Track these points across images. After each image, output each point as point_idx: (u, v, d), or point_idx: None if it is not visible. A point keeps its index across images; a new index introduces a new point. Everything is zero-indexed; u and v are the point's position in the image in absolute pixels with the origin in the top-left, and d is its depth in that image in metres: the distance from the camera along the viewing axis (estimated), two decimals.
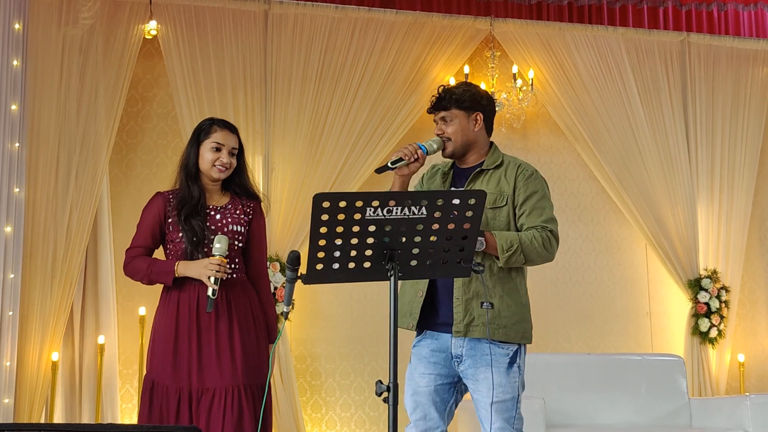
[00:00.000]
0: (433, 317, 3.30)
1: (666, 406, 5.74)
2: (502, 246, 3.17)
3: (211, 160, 3.57)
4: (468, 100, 3.36)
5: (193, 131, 3.67)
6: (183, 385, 3.44)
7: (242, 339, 3.49)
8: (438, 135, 3.38)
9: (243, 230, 3.61)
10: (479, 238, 3.13)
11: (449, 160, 3.49)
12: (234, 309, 3.52)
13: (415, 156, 3.28)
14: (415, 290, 3.31)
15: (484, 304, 3.10)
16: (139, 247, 3.63)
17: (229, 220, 3.59)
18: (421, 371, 3.30)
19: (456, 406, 3.39)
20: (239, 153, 3.66)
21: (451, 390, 3.32)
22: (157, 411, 3.43)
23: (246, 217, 3.63)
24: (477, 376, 3.21)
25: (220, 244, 3.44)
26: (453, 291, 3.24)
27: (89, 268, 5.62)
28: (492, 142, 3.48)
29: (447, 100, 3.36)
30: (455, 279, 3.22)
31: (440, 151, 3.40)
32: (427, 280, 3.27)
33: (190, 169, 3.59)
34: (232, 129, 3.66)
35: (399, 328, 2.91)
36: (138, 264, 3.58)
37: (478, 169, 3.38)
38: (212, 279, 3.39)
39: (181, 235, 3.52)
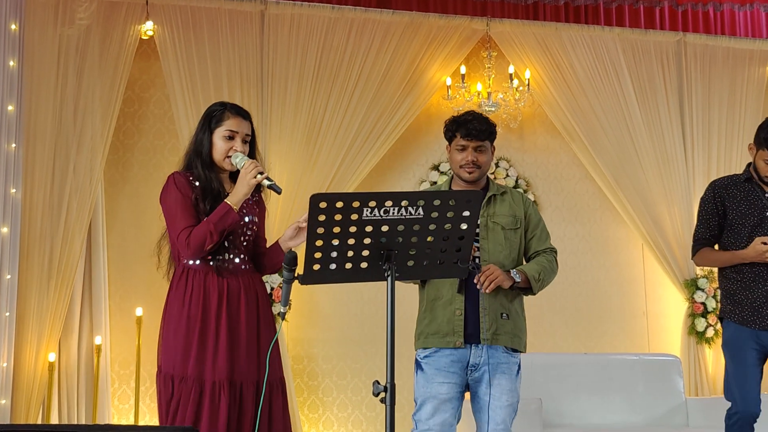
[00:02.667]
0: None
1: (663, 405, 5.75)
2: (534, 276, 3.51)
3: (225, 150, 3.38)
4: (494, 134, 3.66)
5: (203, 116, 3.48)
6: (222, 377, 3.25)
7: (266, 331, 3.40)
8: (472, 162, 3.57)
9: (256, 219, 3.50)
10: (514, 271, 3.50)
11: (444, 182, 3.80)
12: (259, 299, 3.42)
13: None
14: (452, 310, 3.49)
15: (503, 315, 3.51)
16: (190, 226, 3.30)
17: (245, 211, 3.45)
18: (440, 380, 3.50)
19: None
20: (252, 140, 3.49)
21: (461, 396, 3.57)
22: (182, 405, 3.23)
23: (255, 207, 3.52)
24: (492, 381, 3.48)
25: (239, 158, 3.35)
26: (480, 303, 3.47)
27: (86, 268, 5.62)
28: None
29: (485, 132, 3.60)
30: (482, 295, 3.45)
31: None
32: (462, 299, 3.49)
33: (204, 158, 3.40)
34: (245, 115, 3.47)
35: (441, 348, 3.41)
36: (198, 231, 3.27)
37: (490, 194, 3.64)
38: (259, 176, 3.27)
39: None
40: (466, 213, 2.65)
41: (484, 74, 6.42)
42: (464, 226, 2.67)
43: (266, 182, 3.30)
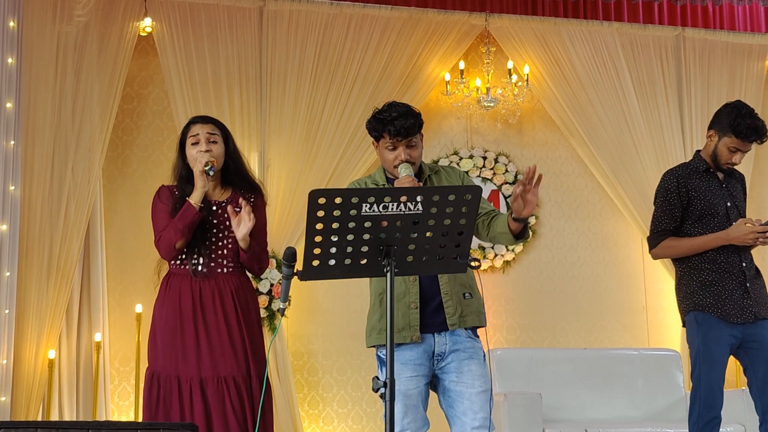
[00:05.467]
0: None
1: (662, 400, 5.76)
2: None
3: (194, 155, 3.59)
4: (422, 124, 3.43)
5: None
6: (193, 374, 3.48)
7: (248, 330, 3.57)
8: (405, 161, 3.33)
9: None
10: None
11: (377, 176, 3.52)
12: (238, 301, 3.58)
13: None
14: (406, 303, 3.33)
15: (466, 294, 3.35)
16: (162, 230, 3.60)
17: (227, 214, 3.60)
18: (408, 375, 3.31)
19: None
20: (227, 141, 3.68)
21: (428, 387, 3.41)
22: (162, 402, 3.48)
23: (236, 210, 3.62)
24: (461, 369, 3.31)
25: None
26: (440, 287, 3.34)
27: (85, 265, 5.62)
28: None
29: (414, 128, 3.36)
30: (440, 279, 3.33)
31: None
32: (417, 290, 3.33)
33: (180, 171, 3.67)
34: (204, 119, 3.71)
35: (402, 343, 3.23)
36: (166, 232, 3.55)
37: (425, 176, 3.47)
38: (205, 167, 3.51)
39: None
40: (465, 208, 2.65)
41: (482, 70, 6.42)
42: (463, 221, 2.67)
43: (206, 167, 3.52)
